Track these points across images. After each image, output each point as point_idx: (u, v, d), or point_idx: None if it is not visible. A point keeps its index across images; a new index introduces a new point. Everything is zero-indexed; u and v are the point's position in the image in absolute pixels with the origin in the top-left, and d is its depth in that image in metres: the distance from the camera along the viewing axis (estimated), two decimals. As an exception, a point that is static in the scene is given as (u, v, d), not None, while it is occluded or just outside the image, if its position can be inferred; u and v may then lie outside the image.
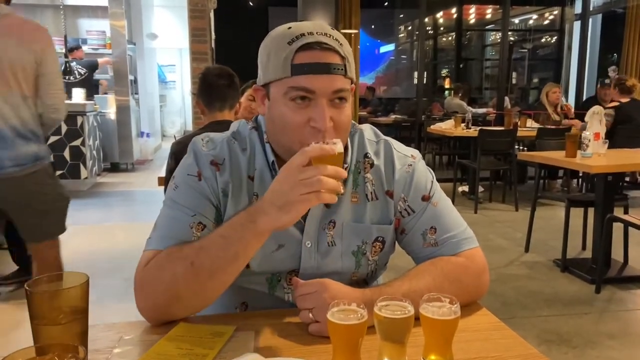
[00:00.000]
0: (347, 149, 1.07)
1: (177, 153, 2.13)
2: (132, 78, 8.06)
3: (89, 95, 6.73)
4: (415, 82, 9.13)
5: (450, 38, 13.00)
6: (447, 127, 6.26)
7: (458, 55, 12.43)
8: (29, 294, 0.77)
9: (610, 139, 3.70)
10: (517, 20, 12.29)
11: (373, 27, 13.23)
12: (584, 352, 2.52)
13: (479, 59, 13.13)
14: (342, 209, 1.07)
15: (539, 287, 3.35)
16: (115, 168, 7.70)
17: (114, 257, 3.40)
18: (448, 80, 12.49)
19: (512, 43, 11.82)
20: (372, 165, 1.11)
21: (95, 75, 7.46)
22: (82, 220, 4.76)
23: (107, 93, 7.77)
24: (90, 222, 4.74)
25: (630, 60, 8.39)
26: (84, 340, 0.80)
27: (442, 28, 13.28)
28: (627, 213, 3.47)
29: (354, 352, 0.79)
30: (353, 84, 1.02)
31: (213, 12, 6.46)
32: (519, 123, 6.11)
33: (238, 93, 2.48)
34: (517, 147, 6.09)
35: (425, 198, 1.10)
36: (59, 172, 5.89)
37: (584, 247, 4.00)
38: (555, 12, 11.76)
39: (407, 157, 1.13)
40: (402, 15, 13.48)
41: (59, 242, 2.46)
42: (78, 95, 6.39)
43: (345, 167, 1.06)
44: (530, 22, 12.34)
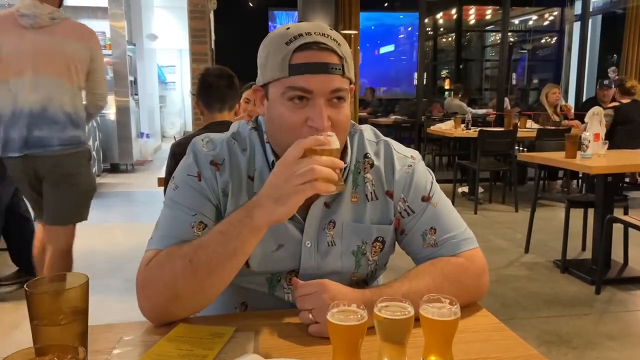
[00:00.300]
0: (346, 149, 1.07)
1: (176, 154, 2.13)
2: (132, 79, 8.05)
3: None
4: (415, 82, 9.12)
5: (450, 39, 13.01)
6: (447, 127, 6.27)
7: (458, 56, 12.43)
8: (29, 295, 0.77)
9: (610, 140, 3.70)
10: (517, 21, 12.31)
11: (373, 27, 13.24)
12: (584, 353, 2.52)
13: (479, 60, 13.14)
14: (342, 209, 1.07)
15: (539, 288, 3.35)
16: (115, 169, 7.70)
17: (114, 257, 3.40)
18: (448, 81, 12.50)
19: (512, 44, 11.83)
20: (372, 166, 1.11)
21: None
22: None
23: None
24: (90, 222, 4.72)
25: (630, 61, 8.40)
26: (84, 341, 0.80)
27: (442, 29, 13.28)
28: (627, 214, 3.46)
29: (354, 353, 0.79)
30: (352, 85, 1.02)
31: (213, 13, 6.46)
32: (519, 124, 6.11)
33: (238, 94, 2.48)
34: (517, 148, 6.09)
35: (425, 199, 1.10)
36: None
37: (584, 248, 4.00)
38: (555, 13, 11.78)
39: (406, 157, 1.13)
40: (401, 16, 13.49)
41: (75, 233, 2.66)
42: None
43: (345, 166, 1.06)
44: (530, 22, 12.35)
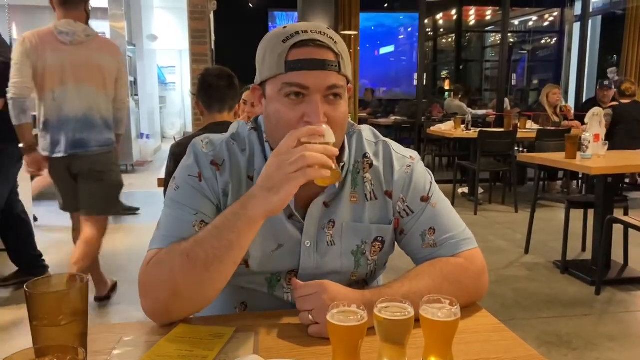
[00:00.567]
0: (343, 148, 1.07)
1: (176, 155, 2.13)
2: (132, 79, 8.05)
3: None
4: (415, 83, 9.12)
5: (450, 39, 13.02)
6: (446, 128, 6.27)
7: (458, 57, 12.44)
8: (29, 296, 0.77)
9: (610, 140, 3.70)
10: (517, 22, 12.32)
11: (373, 28, 13.24)
12: (584, 354, 2.52)
13: (479, 61, 13.14)
14: (341, 209, 1.07)
15: (539, 288, 3.35)
16: (115, 169, 7.68)
17: (114, 258, 3.40)
18: (448, 82, 12.51)
19: (511, 45, 11.84)
20: (371, 166, 1.11)
21: None
22: (81, 222, 4.75)
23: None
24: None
25: (630, 62, 8.40)
26: (84, 342, 0.80)
27: (442, 29, 13.29)
28: (627, 214, 3.46)
29: (354, 353, 0.79)
30: (350, 84, 1.03)
31: (213, 13, 6.47)
32: (519, 124, 6.11)
33: (238, 94, 2.48)
34: (516, 148, 6.09)
35: (424, 199, 1.10)
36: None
37: (584, 248, 4.00)
38: (555, 13, 11.79)
39: (405, 158, 1.13)
40: (401, 17, 13.49)
41: (106, 226, 2.94)
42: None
43: (342, 165, 1.06)
44: (530, 23, 12.37)
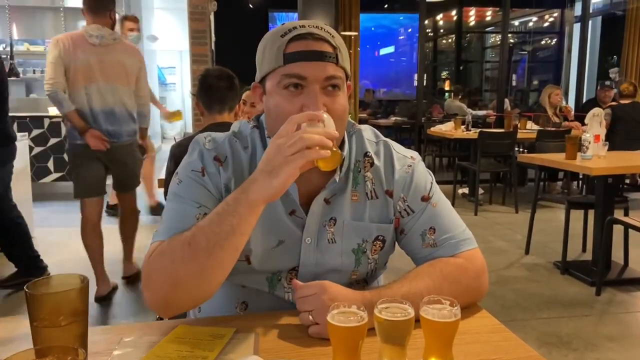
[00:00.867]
0: (344, 145, 1.08)
1: (176, 155, 2.13)
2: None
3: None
4: (415, 84, 9.12)
5: (450, 40, 13.03)
6: (447, 129, 6.26)
7: (458, 58, 12.44)
8: (29, 296, 0.77)
9: (610, 141, 3.70)
10: (517, 23, 12.32)
11: (373, 29, 13.25)
12: (584, 354, 2.52)
13: (479, 61, 13.14)
14: (342, 207, 1.07)
15: (539, 289, 3.35)
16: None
17: (114, 259, 3.40)
18: (448, 83, 12.51)
19: (512, 45, 11.84)
20: (372, 165, 1.11)
21: None
22: (82, 222, 4.75)
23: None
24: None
25: (631, 62, 8.40)
26: (84, 342, 0.80)
27: (442, 30, 13.30)
28: (627, 215, 3.46)
29: (354, 354, 0.79)
30: (349, 81, 1.03)
31: (213, 14, 6.47)
32: (519, 125, 6.11)
33: (238, 95, 2.48)
34: (517, 149, 6.08)
35: (425, 198, 1.10)
36: (59, 173, 5.88)
37: (584, 249, 4.00)
38: (555, 14, 11.79)
39: (406, 158, 1.13)
40: (401, 18, 13.50)
41: (136, 195, 3.49)
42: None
43: (343, 157, 1.06)
44: (530, 24, 12.37)
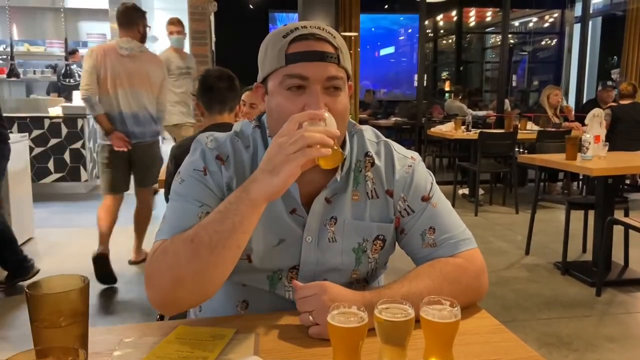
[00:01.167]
0: (345, 144, 1.08)
1: (177, 156, 2.13)
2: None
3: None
4: (416, 84, 9.12)
5: (451, 41, 13.03)
6: (447, 129, 6.26)
7: (458, 58, 12.45)
8: (29, 297, 0.77)
9: (609, 141, 3.70)
10: (517, 23, 12.32)
11: (373, 29, 13.25)
12: (584, 355, 2.52)
13: (479, 62, 13.14)
14: (343, 206, 1.08)
15: (539, 289, 3.35)
16: (116, 171, 7.67)
17: (114, 260, 3.41)
18: (448, 83, 12.51)
19: (512, 46, 11.84)
20: (372, 164, 1.11)
21: None
22: (82, 223, 4.75)
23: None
24: (91, 225, 4.71)
25: (631, 63, 8.39)
26: (84, 343, 0.80)
27: (442, 31, 13.30)
28: (627, 216, 3.46)
29: (355, 355, 0.79)
30: (350, 82, 1.03)
31: (213, 14, 6.47)
32: (519, 126, 6.11)
33: (238, 95, 2.48)
34: (517, 149, 6.08)
35: (425, 198, 1.10)
36: (59, 174, 5.89)
37: (585, 249, 4.00)
38: (555, 14, 11.79)
39: (407, 158, 1.14)
40: (402, 18, 13.50)
41: (153, 191, 3.77)
42: (78, 98, 6.36)
43: (344, 156, 1.06)
44: (530, 24, 12.37)
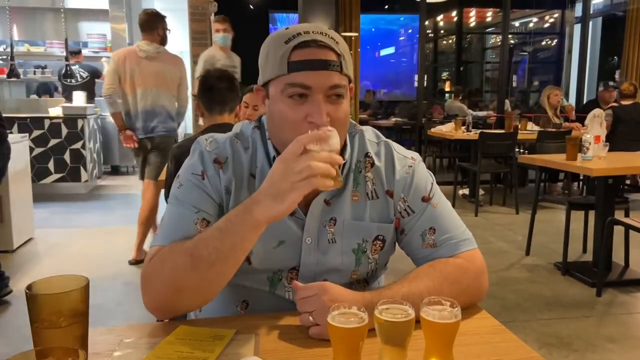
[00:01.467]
0: (346, 147, 1.08)
1: (177, 157, 2.13)
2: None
3: (90, 98, 6.74)
4: (416, 85, 9.12)
5: (451, 41, 13.03)
6: (447, 130, 6.26)
7: (458, 58, 12.44)
8: (29, 297, 0.77)
9: (609, 142, 3.70)
10: (517, 23, 12.32)
11: (373, 30, 13.25)
12: (585, 355, 2.51)
13: (479, 62, 13.14)
14: (343, 207, 1.08)
15: (540, 290, 3.34)
16: (116, 171, 7.69)
17: (114, 260, 3.41)
18: (448, 83, 12.51)
19: (512, 46, 11.84)
20: (372, 165, 1.11)
21: (98, 82, 7.47)
22: (82, 224, 4.76)
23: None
24: (91, 225, 4.74)
25: (631, 63, 8.39)
26: (84, 344, 0.80)
27: (442, 31, 13.30)
28: (627, 216, 3.46)
29: (355, 355, 0.79)
30: (351, 84, 1.03)
31: (213, 15, 6.47)
32: (520, 126, 6.11)
33: (238, 96, 2.48)
34: (517, 150, 6.08)
35: (425, 199, 1.10)
36: (60, 174, 5.89)
37: (585, 250, 3.99)
38: (556, 15, 11.79)
39: (407, 158, 1.14)
40: (402, 19, 13.51)
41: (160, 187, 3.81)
42: (79, 98, 6.38)
43: (344, 163, 1.06)
44: (531, 25, 12.37)
